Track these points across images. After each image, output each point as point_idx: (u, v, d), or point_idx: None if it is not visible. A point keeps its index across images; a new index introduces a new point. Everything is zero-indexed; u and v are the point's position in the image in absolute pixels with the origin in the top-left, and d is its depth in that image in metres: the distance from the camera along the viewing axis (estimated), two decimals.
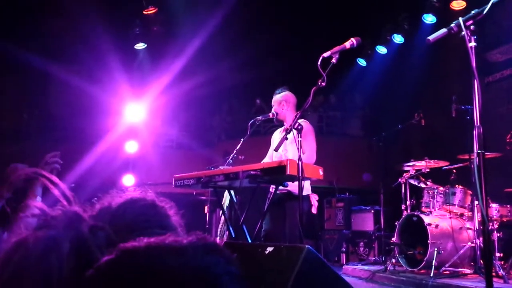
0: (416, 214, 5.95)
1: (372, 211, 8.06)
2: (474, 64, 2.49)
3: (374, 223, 7.92)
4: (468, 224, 5.79)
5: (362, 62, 9.69)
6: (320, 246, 8.67)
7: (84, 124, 10.06)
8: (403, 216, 6.16)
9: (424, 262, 5.54)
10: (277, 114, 4.53)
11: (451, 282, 4.98)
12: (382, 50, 9.33)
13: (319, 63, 3.47)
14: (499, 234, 5.45)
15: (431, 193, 6.17)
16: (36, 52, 8.63)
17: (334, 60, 3.54)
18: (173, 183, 4.46)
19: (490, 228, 5.30)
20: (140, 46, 9.70)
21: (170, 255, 0.61)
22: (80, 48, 9.13)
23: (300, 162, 3.46)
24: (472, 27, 2.53)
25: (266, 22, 9.42)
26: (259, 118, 4.53)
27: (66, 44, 9.20)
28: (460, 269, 5.51)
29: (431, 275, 5.24)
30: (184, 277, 0.59)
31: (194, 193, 8.07)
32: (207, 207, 7.97)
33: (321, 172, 3.87)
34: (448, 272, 5.43)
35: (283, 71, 9.34)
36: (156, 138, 10.84)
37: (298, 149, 3.53)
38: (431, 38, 2.67)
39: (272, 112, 4.58)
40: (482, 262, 5.18)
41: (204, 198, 8.18)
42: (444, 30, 2.63)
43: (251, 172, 3.72)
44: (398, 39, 8.98)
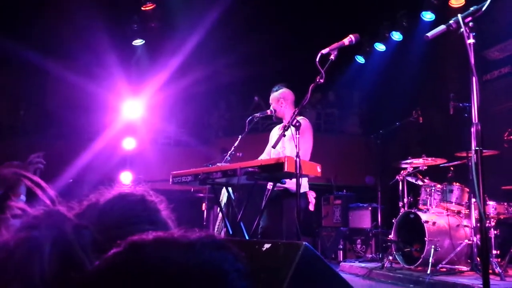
0: (413, 211, 5.95)
1: (370, 208, 8.07)
2: (473, 61, 2.49)
3: (372, 220, 7.94)
4: (465, 222, 5.80)
5: (361, 60, 9.68)
6: (317, 243, 8.69)
7: (81, 120, 10.04)
8: (400, 214, 6.17)
9: (421, 259, 5.55)
10: (275, 111, 4.52)
11: (448, 279, 4.99)
12: (380, 47, 9.32)
13: (317, 60, 3.46)
14: (496, 232, 5.46)
15: (428, 190, 6.17)
16: (33, 48, 8.60)
17: (332, 57, 3.53)
18: (170, 180, 4.46)
19: (487, 225, 5.31)
20: (138, 42, 9.68)
21: (178, 249, 0.61)
22: (78, 44, 9.10)
23: (298, 159, 3.46)
24: (471, 24, 2.53)
25: (264, 19, 9.40)
26: (257, 115, 4.52)
27: (64, 40, 9.17)
28: (457, 266, 5.52)
29: (428, 272, 5.25)
30: (192, 271, 0.59)
31: (192, 190, 8.06)
32: (204, 204, 7.96)
33: (319, 169, 3.86)
34: (445, 269, 5.44)
35: (281, 68, 9.32)
36: (154, 135, 10.82)
37: (296, 146, 3.53)
38: (430, 34, 2.67)
39: (270, 109, 4.57)
40: (479, 259, 5.19)
41: (202, 195, 8.17)
42: (443, 27, 2.63)
43: (249, 169, 3.72)
44: (397, 36, 8.97)
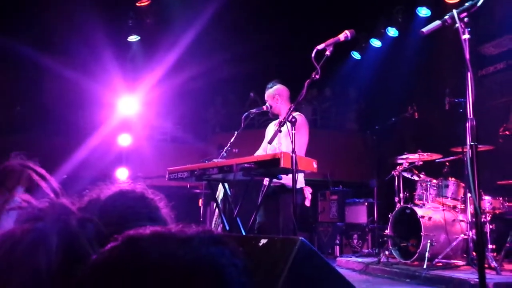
0: (409, 206, 5.98)
1: (366, 203, 8.09)
2: (468, 56, 2.50)
3: (368, 215, 7.96)
4: (461, 216, 5.83)
5: (356, 55, 9.68)
6: (314, 238, 8.71)
7: (77, 117, 10.01)
8: (397, 209, 6.19)
9: (417, 254, 5.58)
10: (271, 107, 4.53)
11: (444, 273, 5.02)
12: (376, 43, 9.32)
13: (313, 55, 3.47)
14: (491, 226, 5.49)
15: (424, 185, 6.20)
16: (28, 44, 8.55)
17: (328, 53, 3.53)
18: (167, 176, 4.46)
19: (482, 220, 5.33)
20: (133, 38, 9.63)
21: (175, 244, 0.61)
22: (73, 40, 9.06)
23: (294, 155, 3.46)
24: (466, 19, 2.53)
25: (261, 15, 9.38)
26: (253, 111, 4.53)
27: (59, 36, 9.13)
28: (453, 260, 5.55)
29: (424, 266, 5.28)
30: (189, 266, 0.59)
31: (188, 186, 8.06)
32: (201, 200, 7.96)
33: (315, 165, 3.87)
34: (441, 264, 5.47)
35: (277, 64, 9.32)
36: (150, 131, 10.79)
37: (292, 142, 3.53)
38: (425, 30, 2.67)
39: (266, 105, 4.57)
40: (474, 254, 5.22)
41: (198, 191, 8.17)
42: (438, 22, 2.63)
43: (245, 165, 3.72)
44: (392, 32, 8.97)
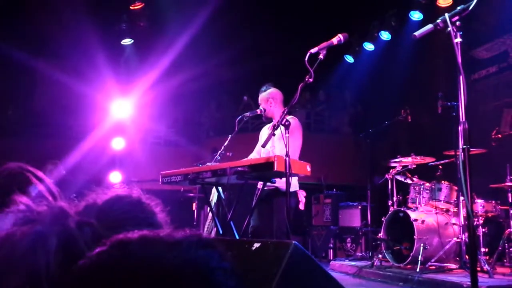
0: (402, 209, 5.99)
1: (359, 207, 8.10)
2: (460, 60, 2.51)
3: (361, 219, 7.97)
4: (454, 220, 5.85)
5: (350, 59, 9.72)
6: (307, 242, 8.71)
7: (70, 120, 9.96)
8: (390, 212, 6.20)
9: (410, 258, 5.59)
10: (264, 111, 4.53)
11: (437, 277, 5.03)
12: (369, 47, 9.36)
13: (306, 59, 3.47)
14: (484, 230, 5.51)
15: (417, 189, 6.22)
16: (21, 47, 8.52)
17: (321, 56, 3.54)
18: (160, 180, 4.45)
19: (475, 223, 5.36)
20: (126, 41, 9.61)
21: (163, 248, 0.61)
22: (66, 43, 9.03)
23: (287, 159, 3.46)
24: (458, 23, 2.55)
25: (255, 19, 9.40)
26: (247, 114, 4.52)
27: (52, 40, 9.09)
28: (445, 264, 5.56)
29: (417, 270, 5.28)
30: (177, 269, 0.59)
31: (182, 189, 8.04)
32: (195, 204, 7.94)
33: (308, 169, 3.87)
34: (434, 267, 5.48)
35: (272, 67, 9.33)
36: (144, 134, 10.76)
37: (286, 145, 3.53)
38: (417, 33, 2.68)
39: (260, 109, 4.57)
40: (467, 257, 5.24)
41: (192, 195, 8.15)
42: (430, 26, 2.65)
43: (239, 168, 3.72)
44: (385, 36, 9.02)
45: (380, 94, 9.55)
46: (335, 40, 3.64)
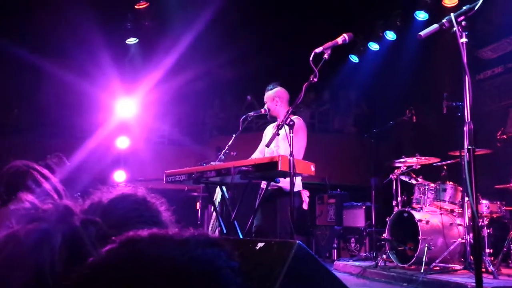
0: (407, 210, 5.98)
1: (364, 207, 8.09)
2: (465, 60, 2.50)
3: (365, 219, 7.96)
4: (459, 220, 5.83)
5: (355, 59, 9.70)
6: (311, 242, 8.70)
7: (75, 119, 10.00)
8: (394, 212, 6.19)
9: (414, 258, 5.58)
10: (269, 110, 4.52)
11: (441, 278, 5.01)
12: (374, 46, 9.34)
13: (311, 58, 3.47)
14: (489, 230, 5.49)
15: (422, 189, 6.20)
16: (26, 46, 8.55)
17: (326, 56, 3.53)
18: (164, 179, 4.45)
19: (480, 224, 5.34)
20: (131, 41, 9.63)
21: (173, 245, 0.62)
22: (71, 42, 9.05)
23: (291, 158, 3.46)
24: (463, 23, 2.53)
25: (259, 18, 9.39)
26: (251, 114, 4.52)
27: (57, 39, 9.11)
28: (450, 265, 5.55)
29: (422, 271, 5.27)
30: (186, 266, 0.60)
31: (186, 189, 8.05)
32: (199, 203, 7.96)
33: (312, 168, 3.86)
34: (438, 268, 5.46)
35: (276, 66, 9.32)
36: (148, 133, 10.78)
37: (290, 145, 3.53)
38: (423, 33, 2.67)
39: (264, 108, 4.56)
40: (472, 258, 5.22)
41: (196, 194, 8.16)
42: (435, 26, 2.63)
43: (243, 168, 3.72)
44: (391, 35, 8.99)
45: (384, 94, 9.52)
46: (340, 40, 3.64)
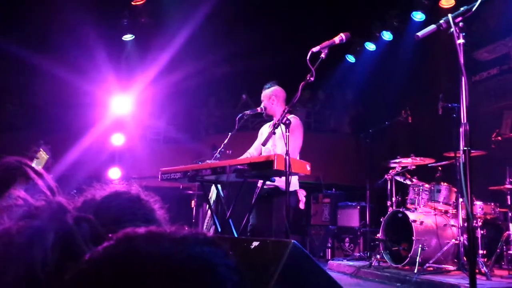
0: (401, 210, 5.99)
1: (358, 207, 8.11)
2: (462, 61, 2.50)
3: (360, 219, 7.97)
4: (453, 221, 5.85)
5: (351, 59, 9.71)
6: (306, 241, 8.71)
7: (69, 116, 9.94)
8: (389, 213, 6.20)
9: (408, 258, 5.59)
10: (265, 108, 4.52)
11: (435, 278, 5.03)
12: (371, 46, 9.35)
13: (308, 58, 3.46)
14: (482, 232, 5.51)
15: (416, 190, 6.21)
16: (20, 42, 8.49)
17: (323, 55, 3.53)
18: (159, 177, 4.44)
19: (474, 225, 5.35)
20: (127, 37, 9.60)
21: (170, 243, 0.62)
22: (67, 38, 9.00)
23: (287, 157, 3.45)
24: (461, 24, 2.54)
25: (255, 16, 9.37)
26: (247, 112, 4.51)
27: (52, 34, 9.06)
28: (443, 265, 5.56)
29: (415, 271, 5.29)
30: (183, 263, 0.60)
31: (181, 187, 8.03)
32: (194, 201, 7.94)
33: (308, 168, 3.86)
34: (432, 268, 5.48)
35: (272, 64, 9.31)
36: (143, 131, 10.76)
37: (286, 144, 3.53)
38: (420, 34, 2.68)
39: (260, 107, 4.56)
40: (465, 259, 5.24)
41: (191, 192, 8.14)
42: (433, 26, 2.64)
43: (238, 166, 3.71)
44: (387, 36, 9.00)
45: (380, 94, 9.53)
46: (337, 39, 3.63)
